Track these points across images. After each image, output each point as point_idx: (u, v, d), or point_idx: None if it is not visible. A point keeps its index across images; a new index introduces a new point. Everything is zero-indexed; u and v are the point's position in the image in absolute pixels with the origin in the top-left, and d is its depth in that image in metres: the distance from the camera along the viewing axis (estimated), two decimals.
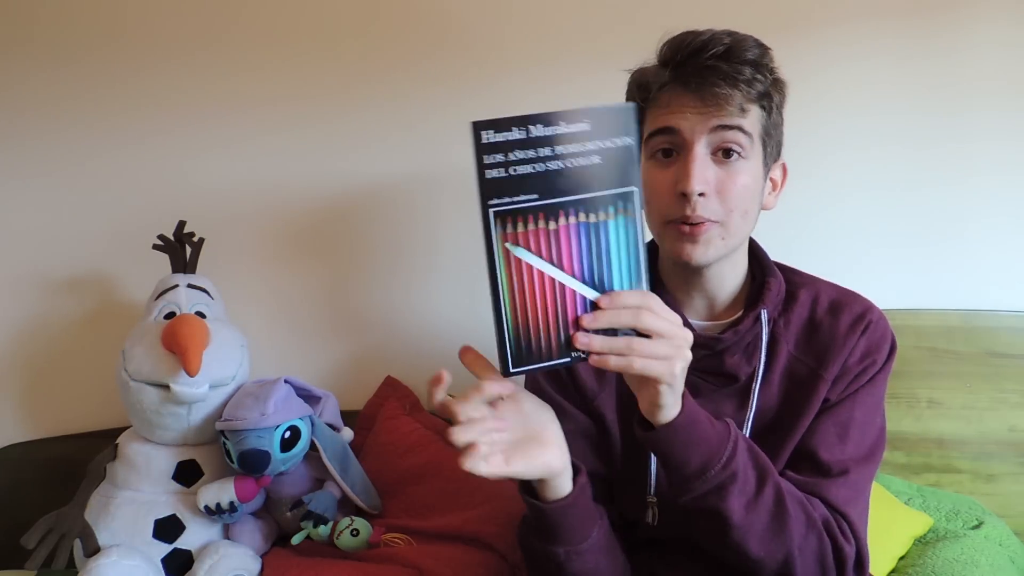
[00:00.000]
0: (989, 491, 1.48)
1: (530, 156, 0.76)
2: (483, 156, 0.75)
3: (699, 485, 0.86)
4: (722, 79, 0.92)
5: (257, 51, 1.59)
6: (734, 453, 0.86)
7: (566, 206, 0.77)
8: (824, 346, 1.00)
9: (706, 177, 0.94)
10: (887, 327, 1.02)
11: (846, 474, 0.95)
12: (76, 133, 1.61)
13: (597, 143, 0.77)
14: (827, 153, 1.51)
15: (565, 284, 0.78)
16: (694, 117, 0.94)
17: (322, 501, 1.33)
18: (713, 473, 0.85)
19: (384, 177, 1.60)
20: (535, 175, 0.76)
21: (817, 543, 0.91)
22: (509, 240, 0.76)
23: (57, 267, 1.62)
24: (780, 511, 0.89)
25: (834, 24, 1.51)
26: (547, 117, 0.76)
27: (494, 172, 0.75)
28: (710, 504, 0.87)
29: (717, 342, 1.00)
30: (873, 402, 1.00)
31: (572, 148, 0.77)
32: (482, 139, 0.75)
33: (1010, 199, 1.52)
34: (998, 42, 1.49)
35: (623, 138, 0.78)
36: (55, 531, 1.26)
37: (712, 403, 1.00)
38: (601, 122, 0.77)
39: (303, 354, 1.62)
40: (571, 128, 0.76)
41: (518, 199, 0.76)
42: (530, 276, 0.77)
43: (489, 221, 0.76)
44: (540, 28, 1.55)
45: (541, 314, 0.77)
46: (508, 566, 1.25)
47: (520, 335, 0.77)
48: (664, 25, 1.00)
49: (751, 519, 0.88)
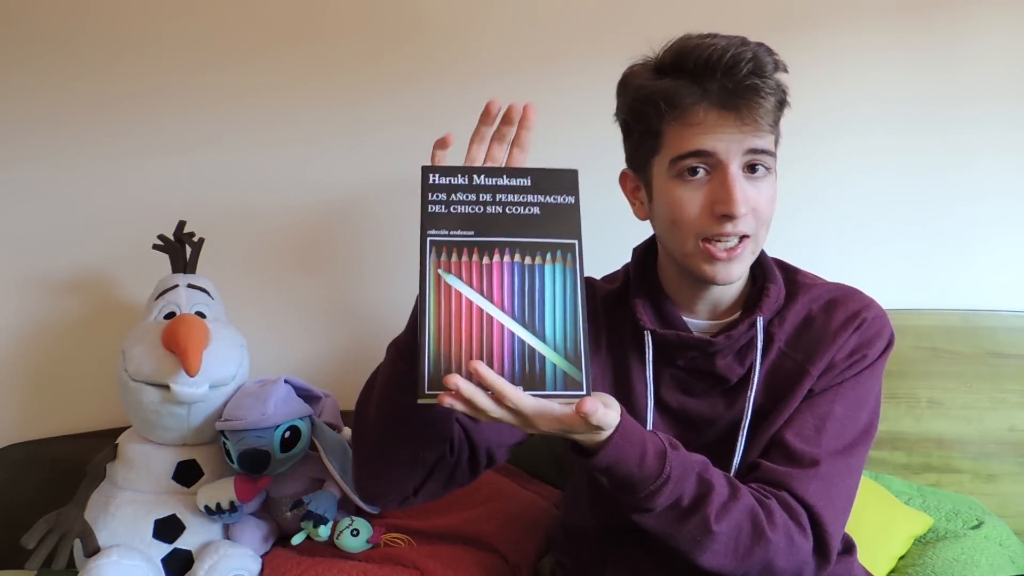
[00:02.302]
0: (989, 491, 1.48)
1: (470, 199, 0.82)
2: (428, 194, 0.82)
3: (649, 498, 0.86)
4: (762, 98, 0.91)
5: (258, 51, 1.59)
6: (661, 456, 0.86)
7: (501, 245, 0.81)
8: (814, 342, 0.99)
9: (747, 197, 0.93)
10: (884, 325, 1.01)
11: (816, 465, 0.94)
12: (76, 133, 1.61)
13: (538, 197, 0.83)
14: (827, 153, 1.52)
15: (493, 316, 0.79)
16: (729, 137, 0.92)
17: (322, 501, 1.33)
18: (654, 486, 0.85)
19: (385, 177, 1.60)
20: (473, 215, 0.82)
21: (763, 553, 0.90)
22: (442, 267, 0.80)
23: (57, 267, 1.62)
24: (741, 511, 0.89)
25: (833, 18, 1.51)
26: (491, 170, 0.84)
27: (436, 207, 0.82)
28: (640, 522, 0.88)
29: (709, 345, 1.00)
30: (857, 397, 0.99)
31: (512, 198, 0.83)
32: (428, 180, 0.82)
33: (1011, 199, 1.52)
34: (999, 41, 1.49)
35: (565, 197, 0.83)
36: (55, 531, 1.26)
37: (704, 402, 1.01)
38: (543, 181, 0.83)
39: (303, 354, 1.62)
40: (512, 182, 0.83)
41: (455, 232, 0.81)
42: (458, 304, 0.79)
43: (426, 248, 0.80)
44: (539, 22, 1.56)
45: (465, 342, 0.78)
46: (508, 566, 1.25)
47: (440, 359, 0.78)
48: (658, 23, 1.00)
49: (723, 525, 0.88)
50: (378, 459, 0.96)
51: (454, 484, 1.00)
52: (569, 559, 1.15)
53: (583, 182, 0.83)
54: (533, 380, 0.78)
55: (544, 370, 0.78)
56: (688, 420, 1.02)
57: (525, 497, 1.39)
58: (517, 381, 0.78)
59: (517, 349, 0.79)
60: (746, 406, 0.99)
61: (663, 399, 1.03)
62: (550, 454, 1.46)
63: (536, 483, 1.47)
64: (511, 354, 0.79)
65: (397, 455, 0.94)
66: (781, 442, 0.97)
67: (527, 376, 0.78)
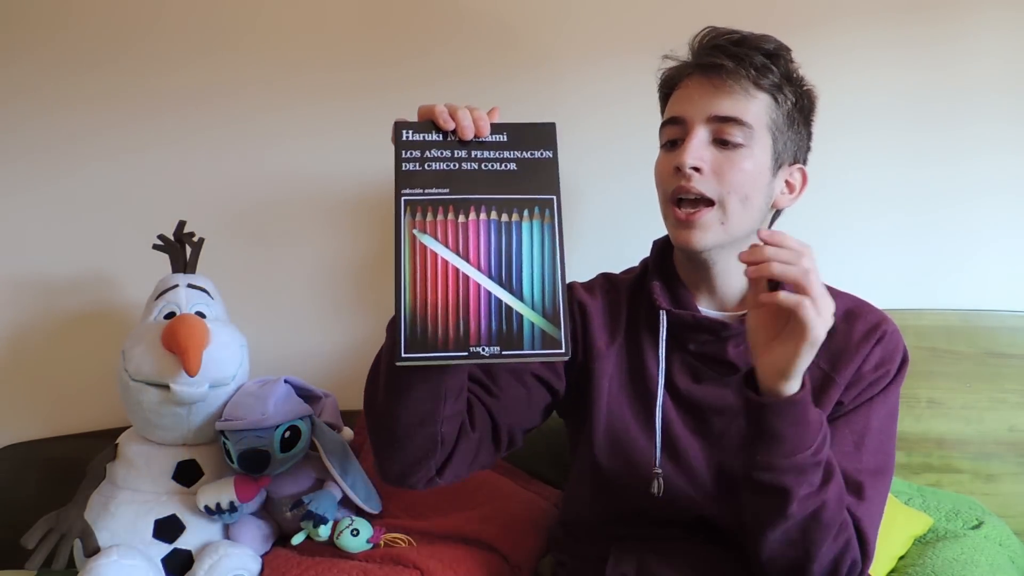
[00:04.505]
0: (989, 491, 1.48)
1: (445, 155, 0.81)
2: (401, 152, 0.81)
3: (787, 463, 0.85)
4: (728, 57, 0.96)
5: (259, 50, 1.59)
6: (824, 441, 0.87)
7: (477, 203, 0.80)
8: (837, 351, 1.00)
9: (701, 155, 0.97)
10: (900, 340, 1.03)
11: (860, 482, 0.96)
12: (76, 133, 1.61)
13: (515, 153, 0.81)
14: (826, 152, 1.50)
15: (469, 276, 0.78)
16: (699, 102, 0.97)
17: (322, 501, 1.33)
18: (803, 456, 0.85)
19: (385, 177, 1.59)
20: (448, 171, 0.80)
21: (843, 544, 0.92)
22: (417, 227, 0.79)
23: (57, 267, 1.62)
24: (837, 508, 0.89)
25: (835, 21, 1.51)
26: None
27: (410, 165, 0.80)
28: (785, 483, 0.86)
29: (723, 328, 1.01)
30: (887, 413, 1.01)
31: (488, 154, 0.81)
32: (402, 136, 0.81)
33: (1011, 199, 1.52)
34: (998, 39, 1.49)
35: (543, 151, 0.82)
36: (55, 531, 1.26)
37: (716, 390, 1.02)
38: (519, 136, 0.82)
39: (303, 354, 1.62)
40: (488, 139, 0.81)
41: (430, 191, 0.80)
42: (433, 264, 0.78)
43: (400, 208, 0.79)
44: (553, 21, 1.55)
45: (441, 302, 0.78)
46: (509, 566, 1.25)
47: (417, 321, 0.77)
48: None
49: (801, 512, 0.87)
50: (395, 441, 0.94)
51: (479, 463, 1.00)
52: (569, 557, 1.15)
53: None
54: (511, 339, 0.77)
55: (522, 329, 0.78)
56: (696, 407, 1.03)
57: (525, 497, 1.39)
58: (495, 340, 0.77)
59: (494, 308, 0.78)
60: None
61: (674, 383, 1.04)
62: (550, 454, 1.46)
63: (536, 483, 1.47)
64: (488, 314, 0.78)
65: (413, 435, 0.92)
66: None
67: (504, 335, 0.77)
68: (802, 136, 1.05)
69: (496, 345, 0.77)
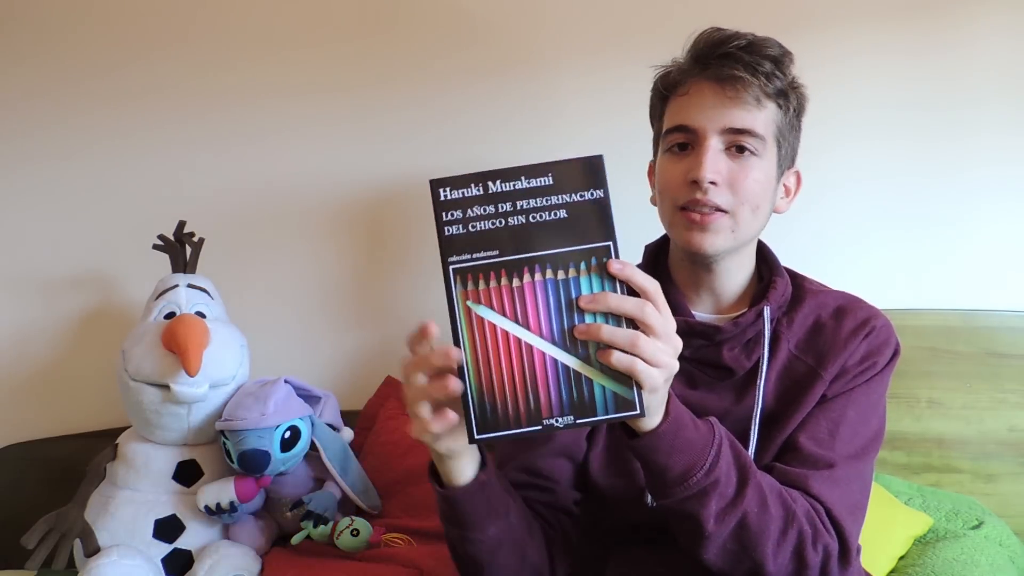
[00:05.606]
0: (989, 491, 1.47)
1: (489, 212, 0.74)
2: (442, 213, 0.74)
3: (680, 491, 0.84)
4: (741, 66, 0.95)
5: (260, 49, 1.59)
6: (717, 458, 0.85)
7: (530, 262, 0.74)
8: (825, 347, 1.00)
9: (718, 168, 0.96)
10: (891, 334, 1.03)
11: (832, 467, 0.95)
12: (76, 133, 1.61)
13: (563, 197, 0.74)
14: (826, 152, 1.51)
15: (533, 345, 0.73)
16: (712, 112, 0.96)
17: (322, 501, 1.33)
18: (695, 480, 0.84)
19: (385, 177, 1.59)
20: (495, 231, 0.74)
21: (796, 538, 0.90)
22: (470, 298, 0.73)
23: (57, 267, 1.62)
24: (762, 511, 0.88)
25: (834, 21, 1.51)
26: (506, 173, 0.74)
27: (453, 229, 0.74)
28: (688, 509, 0.86)
29: (717, 332, 1.00)
30: (868, 403, 1.00)
31: (535, 203, 0.74)
32: (440, 196, 0.74)
33: (1010, 199, 1.52)
34: (999, 45, 1.49)
35: (592, 191, 0.75)
36: (55, 531, 1.26)
37: (711, 395, 1.01)
38: (566, 176, 0.75)
39: (303, 354, 1.62)
40: (532, 183, 0.74)
41: (478, 255, 0.74)
42: (493, 336, 0.73)
43: (450, 279, 0.74)
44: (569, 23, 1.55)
45: (507, 377, 0.73)
46: None
47: (485, 399, 0.73)
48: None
49: (723, 528, 0.86)
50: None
51: (571, 544, 1.01)
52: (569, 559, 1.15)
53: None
54: (583, 407, 0.73)
55: (593, 395, 0.73)
56: (693, 413, 1.02)
57: None
58: (567, 410, 0.73)
59: (563, 376, 0.73)
60: (755, 402, 0.99)
61: None
62: None
63: None
64: (556, 383, 0.73)
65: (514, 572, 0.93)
66: (795, 445, 0.97)
67: (576, 404, 0.73)
68: (798, 139, 1.05)
69: (569, 415, 0.73)
